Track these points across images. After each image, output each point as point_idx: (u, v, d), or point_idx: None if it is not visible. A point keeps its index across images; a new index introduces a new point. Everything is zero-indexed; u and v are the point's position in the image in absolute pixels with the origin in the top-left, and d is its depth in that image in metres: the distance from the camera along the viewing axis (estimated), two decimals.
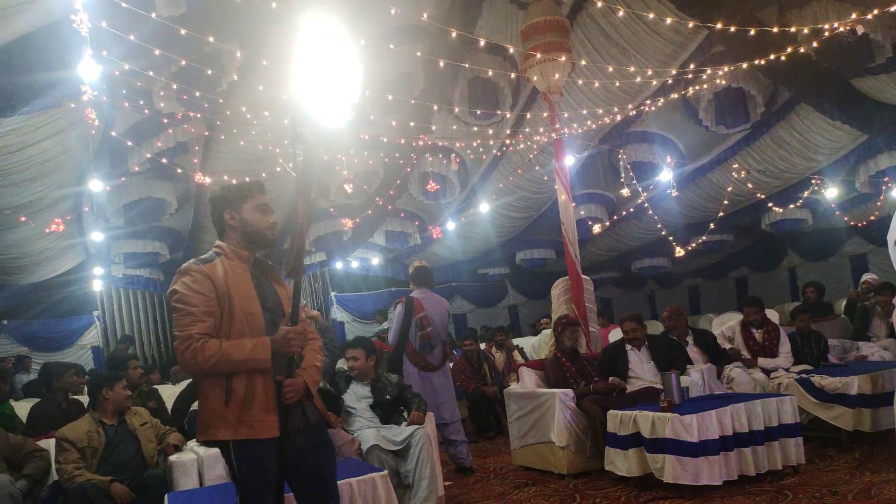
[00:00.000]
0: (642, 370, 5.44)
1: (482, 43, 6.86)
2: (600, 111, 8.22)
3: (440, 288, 15.07)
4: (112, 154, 7.60)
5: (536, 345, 9.01)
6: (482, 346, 9.08)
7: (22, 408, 5.95)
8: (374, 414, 4.55)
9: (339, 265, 13.71)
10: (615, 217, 11.65)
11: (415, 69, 7.63)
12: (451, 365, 8.15)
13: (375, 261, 13.58)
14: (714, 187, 10.94)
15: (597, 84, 7.91)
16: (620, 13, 6.74)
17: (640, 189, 9.88)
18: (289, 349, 2.46)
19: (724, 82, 8.01)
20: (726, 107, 8.70)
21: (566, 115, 7.91)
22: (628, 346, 5.58)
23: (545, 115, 7.96)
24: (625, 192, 9.86)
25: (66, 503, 3.85)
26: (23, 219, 7.42)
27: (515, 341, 9.68)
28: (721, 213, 11.13)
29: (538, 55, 6.33)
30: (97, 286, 11.96)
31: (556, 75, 6.45)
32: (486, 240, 12.76)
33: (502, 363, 8.71)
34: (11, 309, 11.30)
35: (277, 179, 8.50)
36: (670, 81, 8.10)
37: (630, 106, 8.43)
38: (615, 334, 8.57)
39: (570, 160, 7.89)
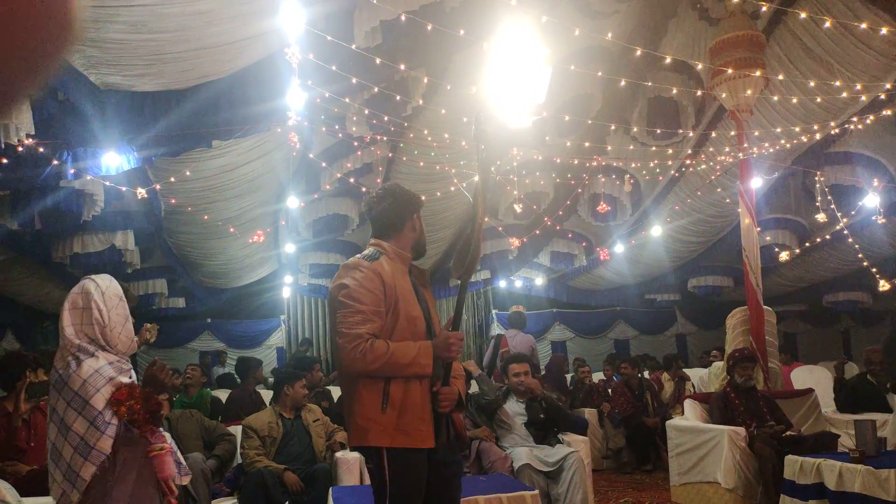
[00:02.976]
0: None
1: (667, 61, 6.60)
2: (797, 129, 7.55)
3: (602, 311, 14.99)
4: (308, 174, 8.23)
5: (706, 378, 8.40)
6: (646, 373, 8.64)
7: (217, 396, 6.69)
8: (528, 433, 4.53)
9: (502, 283, 13.82)
10: (807, 244, 10.59)
11: (593, 90, 7.53)
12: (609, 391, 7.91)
13: (539, 281, 13.50)
14: None
15: (794, 100, 7.30)
16: (826, 25, 6.19)
17: (838, 215, 8.91)
18: (449, 354, 2.36)
19: None
20: None
21: (756, 133, 7.37)
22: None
23: (732, 133, 7.49)
24: (820, 217, 8.92)
25: (245, 484, 4.25)
26: (232, 230, 8.30)
27: None
28: None
29: (729, 71, 6.01)
30: (286, 293, 13.05)
31: (748, 92, 6.09)
32: (657, 264, 12.16)
33: (669, 393, 8.24)
34: (216, 310, 12.77)
35: (450, 199, 8.82)
36: (883, 97, 7.25)
37: (832, 124, 7.65)
38: (799, 373, 7.79)
39: (756, 182, 7.34)
